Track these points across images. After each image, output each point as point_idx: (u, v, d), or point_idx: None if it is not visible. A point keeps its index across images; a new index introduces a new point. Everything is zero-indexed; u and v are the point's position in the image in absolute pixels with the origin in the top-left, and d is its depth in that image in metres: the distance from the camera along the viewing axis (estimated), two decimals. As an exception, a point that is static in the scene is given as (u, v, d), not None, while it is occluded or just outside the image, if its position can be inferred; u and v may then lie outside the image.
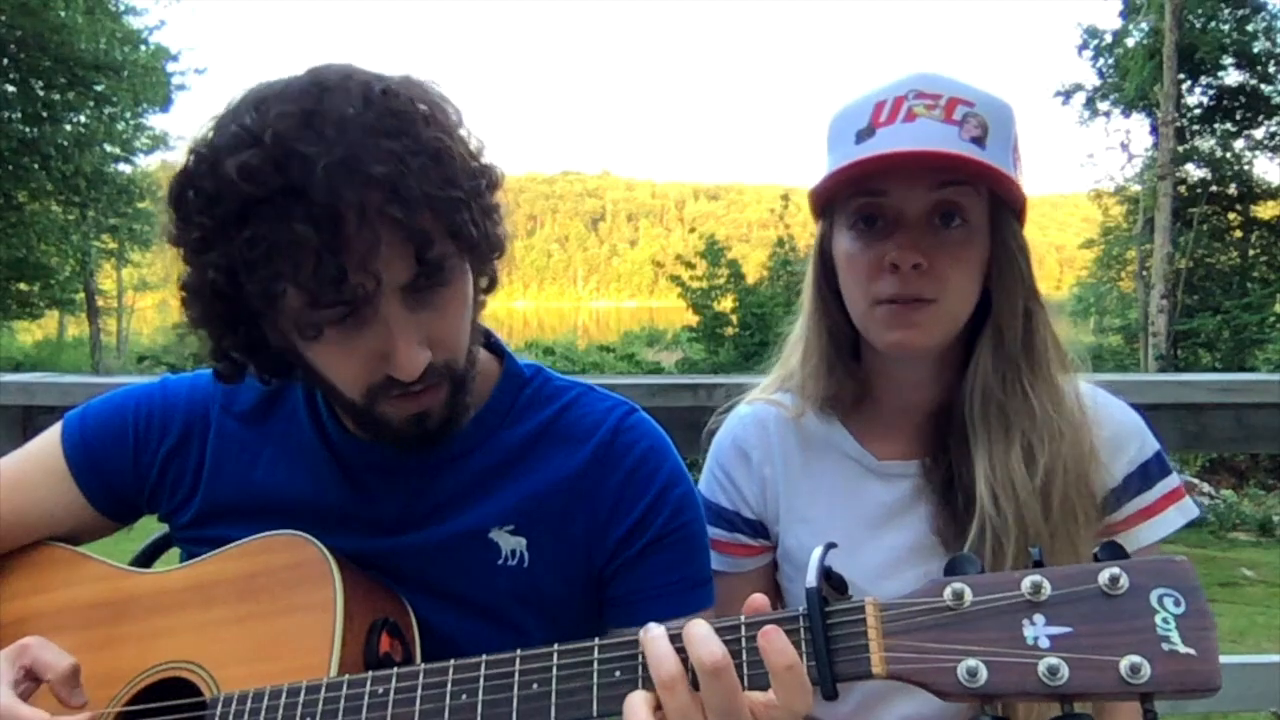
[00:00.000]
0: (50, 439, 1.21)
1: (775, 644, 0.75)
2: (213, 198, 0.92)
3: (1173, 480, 1.26)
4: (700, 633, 0.78)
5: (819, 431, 1.32)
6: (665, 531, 1.12)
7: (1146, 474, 1.25)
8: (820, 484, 1.31)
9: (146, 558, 1.36)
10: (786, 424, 1.33)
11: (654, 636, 0.80)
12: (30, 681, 0.99)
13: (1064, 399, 1.21)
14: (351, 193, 0.90)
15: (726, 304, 11.43)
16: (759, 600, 0.82)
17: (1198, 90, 18.87)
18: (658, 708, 0.78)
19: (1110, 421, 1.25)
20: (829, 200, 1.24)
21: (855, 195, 1.19)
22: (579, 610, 1.15)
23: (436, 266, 0.96)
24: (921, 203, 1.16)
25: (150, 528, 1.32)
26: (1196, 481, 10.27)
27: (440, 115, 0.99)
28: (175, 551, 1.24)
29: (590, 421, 1.16)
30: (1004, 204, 1.19)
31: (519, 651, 0.87)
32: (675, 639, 0.79)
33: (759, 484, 1.33)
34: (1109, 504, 1.23)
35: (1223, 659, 0.67)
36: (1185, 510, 1.26)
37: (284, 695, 0.95)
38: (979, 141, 1.15)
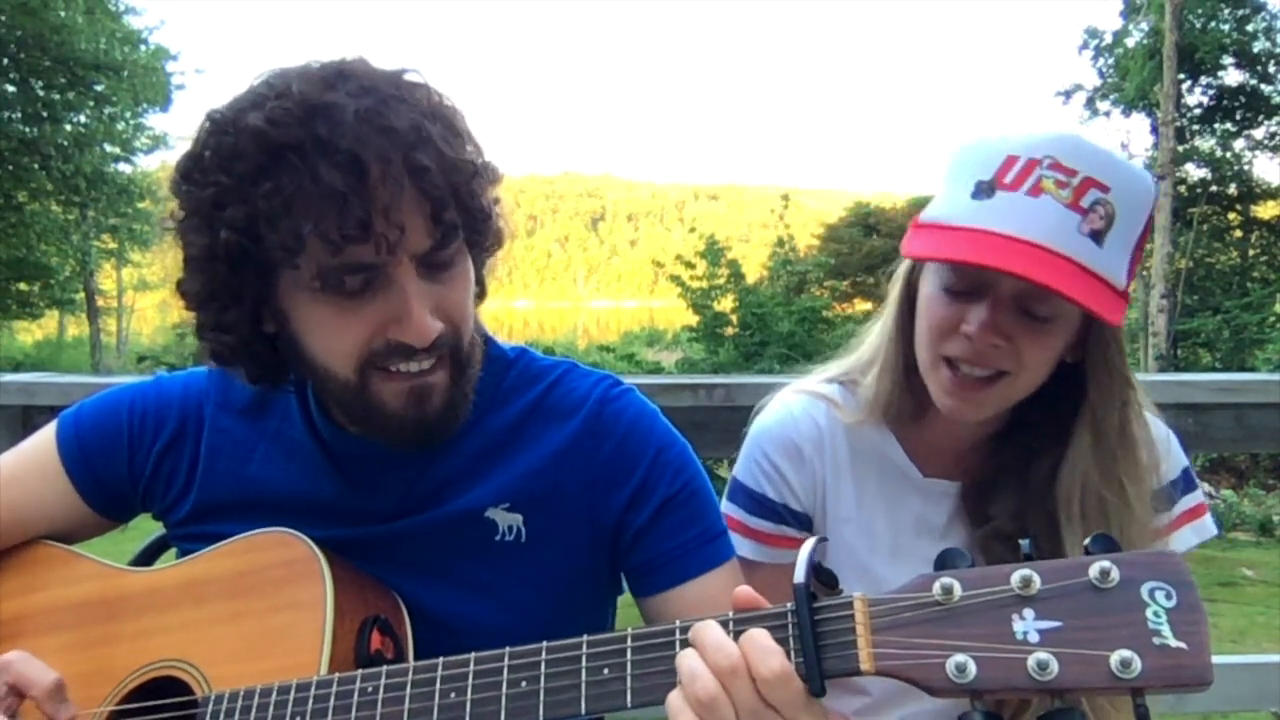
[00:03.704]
0: (45, 438, 1.21)
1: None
2: (232, 153, 0.94)
3: (1194, 497, 1.28)
4: (764, 643, 0.77)
5: (869, 436, 1.31)
6: (671, 493, 1.13)
7: (1171, 492, 1.26)
8: (865, 488, 1.31)
9: (146, 557, 1.36)
10: (838, 422, 1.32)
11: (707, 624, 0.79)
12: (14, 697, 0.99)
13: (1147, 480, 1.21)
14: (377, 143, 0.92)
15: (726, 304, 11.41)
16: (746, 593, 0.81)
17: (1198, 90, 18.89)
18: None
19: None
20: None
21: None
22: (579, 586, 1.15)
23: (451, 230, 0.98)
24: (1013, 286, 1.12)
25: (147, 527, 1.32)
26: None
27: (451, 103, 1.03)
28: (174, 551, 1.23)
29: (577, 396, 1.17)
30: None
31: (507, 649, 0.86)
32: (668, 644, 0.79)
33: (810, 478, 1.32)
34: None
35: (1223, 659, 0.67)
36: (1201, 529, 1.27)
37: (274, 694, 0.95)
38: (1098, 236, 1.08)
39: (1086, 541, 0.71)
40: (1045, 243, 1.07)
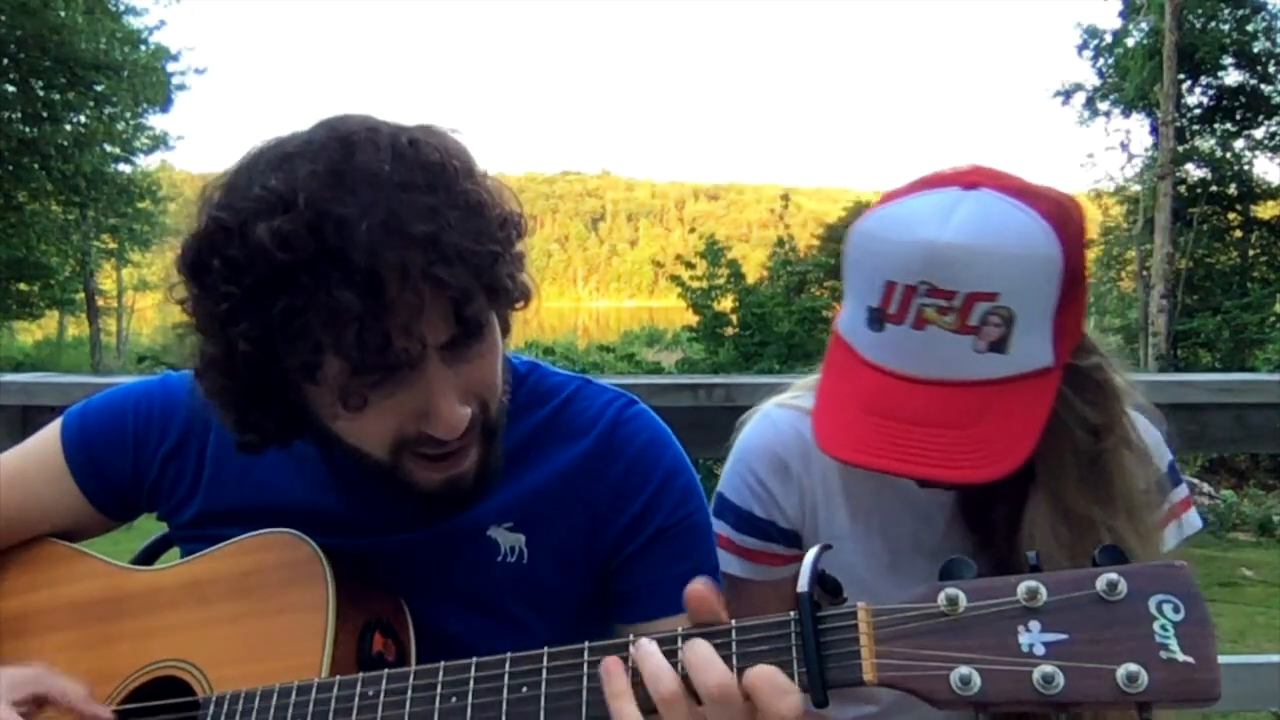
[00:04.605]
0: (49, 436, 1.20)
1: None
2: (242, 266, 0.88)
3: (1180, 492, 1.26)
4: (702, 656, 0.77)
5: None
6: (669, 523, 1.12)
7: (1164, 482, 1.24)
8: (859, 504, 1.27)
9: (147, 557, 1.35)
10: None
11: (648, 653, 0.79)
12: (34, 706, 1.00)
13: (1155, 528, 1.16)
14: (393, 254, 0.86)
15: (726, 304, 11.42)
16: (699, 587, 0.80)
17: (1198, 90, 18.88)
18: (651, 711, 0.77)
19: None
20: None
21: None
22: (581, 606, 1.14)
23: (475, 324, 0.94)
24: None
25: (149, 526, 1.32)
26: (1196, 481, 10.23)
27: (466, 165, 0.96)
28: (175, 551, 1.23)
29: (589, 416, 1.15)
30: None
31: (509, 654, 0.86)
32: (670, 653, 0.78)
33: (797, 495, 1.27)
34: None
35: (1222, 659, 0.66)
36: (1187, 523, 1.25)
37: (275, 696, 0.95)
38: (1000, 345, 1.03)
39: (1095, 552, 0.70)
40: (942, 377, 1.05)
